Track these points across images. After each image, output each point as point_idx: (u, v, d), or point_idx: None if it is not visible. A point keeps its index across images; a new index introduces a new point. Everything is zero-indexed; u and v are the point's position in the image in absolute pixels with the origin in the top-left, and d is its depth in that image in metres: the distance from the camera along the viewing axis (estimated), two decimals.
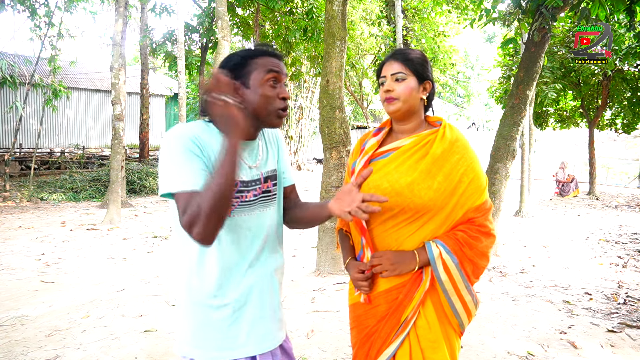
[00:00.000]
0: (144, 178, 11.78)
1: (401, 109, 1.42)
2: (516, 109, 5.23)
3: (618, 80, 11.68)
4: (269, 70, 1.23)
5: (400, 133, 1.48)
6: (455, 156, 1.39)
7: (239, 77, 1.23)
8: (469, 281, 1.39)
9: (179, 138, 1.15)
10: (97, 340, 3.07)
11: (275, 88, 1.24)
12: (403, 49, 1.49)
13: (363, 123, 23.67)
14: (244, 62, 1.23)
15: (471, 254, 1.36)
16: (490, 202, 1.45)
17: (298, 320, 3.42)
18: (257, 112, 1.24)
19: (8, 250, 5.65)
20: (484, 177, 1.43)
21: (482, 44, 37.52)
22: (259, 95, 1.22)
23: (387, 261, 1.38)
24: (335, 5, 4.38)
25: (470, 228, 1.38)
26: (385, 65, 1.45)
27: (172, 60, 13.29)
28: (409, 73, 1.41)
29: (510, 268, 5.06)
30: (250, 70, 1.23)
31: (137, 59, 24.65)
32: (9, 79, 11.45)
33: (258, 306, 1.27)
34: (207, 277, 1.22)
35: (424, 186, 1.36)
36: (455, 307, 1.38)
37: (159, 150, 1.19)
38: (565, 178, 12.62)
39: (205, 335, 1.23)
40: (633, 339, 3.15)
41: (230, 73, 1.22)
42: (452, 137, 1.41)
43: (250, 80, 1.22)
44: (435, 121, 1.50)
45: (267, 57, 1.25)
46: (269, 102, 1.23)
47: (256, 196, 1.28)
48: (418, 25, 12.55)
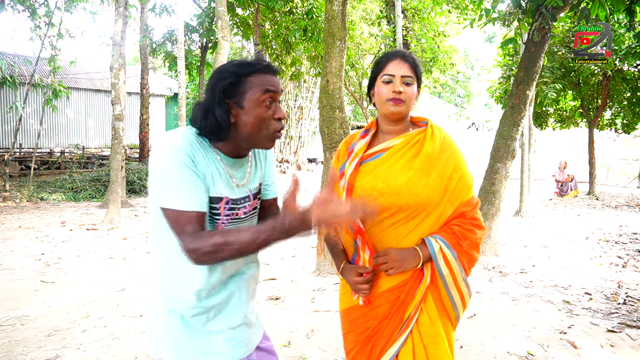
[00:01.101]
0: (144, 178, 11.77)
1: (404, 112, 1.45)
2: (516, 109, 5.24)
3: (618, 80, 11.67)
4: (265, 90, 1.18)
5: (388, 134, 1.50)
6: (446, 153, 1.44)
7: (233, 97, 1.17)
8: (465, 273, 1.44)
9: (176, 151, 1.12)
10: (97, 340, 3.07)
11: (270, 108, 1.19)
12: (405, 51, 1.51)
13: (363, 123, 23.67)
14: (238, 80, 1.17)
15: (467, 246, 1.41)
16: (477, 197, 1.51)
17: (298, 320, 3.42)
18: (251, 134, 1.19)
19: (8, 250, 5.65)
20: (470, 173, 1.50)
21: (482, 44, 37.53)
22: (253, 117, 1.17)
23: (393, 259, 1.39)
24: (335, 5, 4.38)
25: (463, 222, 1.44)
26: (393, 64, 1.44)
27: (172, 60, 13.28)
28: (415, 78, 1.45)
29: (510, 268, 5.06)
30: (245, 90, 1.17)
31: (137, 59, 24.64)
32: (9, 79, 11.43)
33: (234, 313, 1.27)
34: (187, 287, 1.20)
35: (420, 184, 1.38)
36: (454, 300, 1.42)
37: (150, 159, 1.16)
38: (565, 178, 12.62)
39: (182, 341, 1.22)
40: (633, 339, 3.16)
41: (223, 93, 1.16)
42: (441, 135, 1.47)
43: (245, 101, 1.17)
44: (419, 121, 1.53)
45: (263, 74, 1.19)
46: (264, 125, 1.19)
47: (246, 214, 1.28)
48: (418, 25, 12.55)
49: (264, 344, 1.40)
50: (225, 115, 1.16)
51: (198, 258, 1.09)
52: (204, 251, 1.07)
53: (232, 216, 1.24)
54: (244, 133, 1.19)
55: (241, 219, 1.27)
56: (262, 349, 1.39)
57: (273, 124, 1.20)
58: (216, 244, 1.07)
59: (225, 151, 1.23)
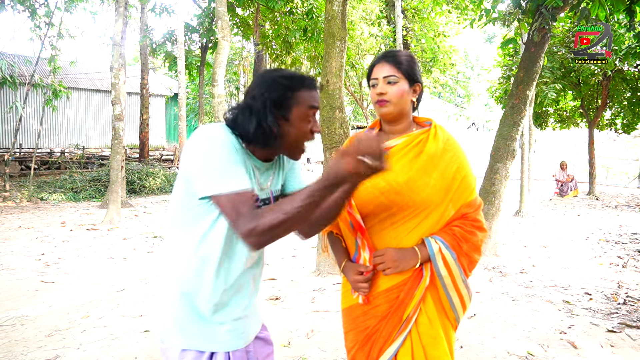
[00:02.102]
0: (144, 178, 11.78)
1: (393, 112, 1.44)
2: (516, 109, 5.24)
3: (618, 81, 11.67)
4: (311, 106, 1.24)
5: (391, 133, 1.50)
6: (449, 154, 1.43)
7: (282, 109, 1.21)
8: (465, 275, 1.43)
9: (223, 140, 1.16)
10: (97, 340, 3.07)
11: (310, 122, 1.25)
12: (393, 50, 1.51)
13: (363, 123, 23.66)
14: (289, 94, 1.22)
15: (467, 248, 1.41)
16: (480, 199, 1.51)
17: (298, 320, 3.42)
18: (291, 145, 1.26)
19: (8, 250, 5.65)
20: (473, 174, 1.49)
21: (482, 44, 37.54)
22: (297, 130, 1.23)
23: (390, 258, 1.39)
24: (335, 6, 4.38)
25: (465, 223, 1.43)
26: (377, 67, 1.46)
27: (172, 60, 13.30)
28: (400, 76, 1.43)
29: (510, 268, 5.06)
30: (293, 104, 1.22)
31: (137, 59, 24.65)
32: (9, 79, 11.45)
33: (239, 306, 1.31)
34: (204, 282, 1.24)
35: (421, 183, 1.39)
36: (453, 301, 1.42)
37: (189, 149, 1.16)
38: (565, 178, 12.62)
39: (188, 326, 1.26)
40: (633, 339, 3.15)
41: (271, 103, 1.20)
42: (444, 135, 1.46)
43: (292, 115, 1.22)
44: (424, 121, 1.53)
45: (310, 90, 1.25)
46: (304, 138, 1.25)
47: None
48: (418, 25, 12.55)
49: (262, 334, 1.44)
50: (275, 125, 1.21)
51: (257, 238, 1.06)
52: (264, 226, 1.04)
53: None
54: (285, 143, 1.25)
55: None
56: (259, 338, 1.42)
57: (309, 136, 1.26)
58: (274, 217, 1.04)
59: (257, 155, 1.28)
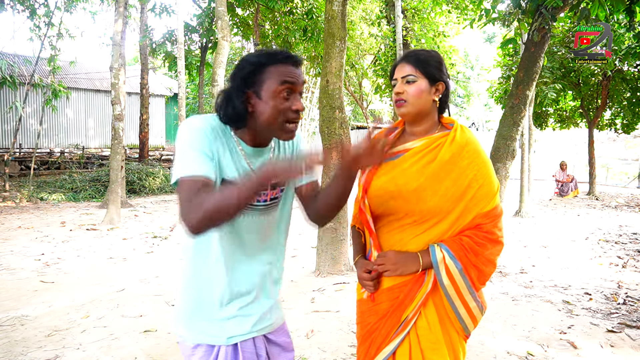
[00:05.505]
0: (144, 178, 11.78)
1: (410, 112, 1.41)
2: (516, 109, 5.23)
3: (618, 81, 11.67)
4: (283, 81, 1.17)
5: (413, 134, 1.47)
6: (465, 161, 1.37)
7: (252, 86, 1.18)
8: (474, 287, 1.37)
9: (196, 127, 1.18)
10: (96, 340, 3.07)
11: (288, 100, 1.18)
12: (416, 50, 1.47)
13: (363, 123, 23.66)
14: (257, 69, 1.17)
15: (476, 260, 1.35)
16: (501, 208, 1.42)
17: (298, 320, 3.42)
18: (267, 124, 1.19)
19: (8, 250, 5.65)
20: (495, 182, 1.40)
21: (482, 44, 37.50)
22: (269, 108, 1.17)
23: (389, 261, 1.39)
24: (335, 6, 4.38)
25: (477, 234, 1.36)
26: (397, 68, 1.45)
27: (172, 60, 13.29)
28: (419, 75, 1.40)
29: (510, 268, 5.06)
30: (264, 79, 1.17)
31: (137, 59, 24.63)
32: (9, 79, 11.42)
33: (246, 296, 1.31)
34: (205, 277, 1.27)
35: (429, 192, 1.36)
36: (459, 311, 1.37)
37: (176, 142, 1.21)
38: (565, 178, 12.62)
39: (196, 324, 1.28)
40: (633, 339, 3.15)
41: (242, 82, 1.18)
42: (463, 140, 1.39)
43: (263, 91, 1.17)
44: (448, 123, 1.47)
45: (284, 64, 1.18)
46: (280, 116, 1.18)
47: (264, 202, 1.29)
48: (418, 26, 12.53)
49: (280, 339, 1.39)
50: (241, 104, 1.18)
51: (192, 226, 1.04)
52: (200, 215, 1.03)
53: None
54: (260, 122, 1.20)
55: (258, 207, 1.28)
56: (277, 343, 1.38)
57: (289, 114, 1.19)
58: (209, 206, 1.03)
59: (245, 139, 1.25)
